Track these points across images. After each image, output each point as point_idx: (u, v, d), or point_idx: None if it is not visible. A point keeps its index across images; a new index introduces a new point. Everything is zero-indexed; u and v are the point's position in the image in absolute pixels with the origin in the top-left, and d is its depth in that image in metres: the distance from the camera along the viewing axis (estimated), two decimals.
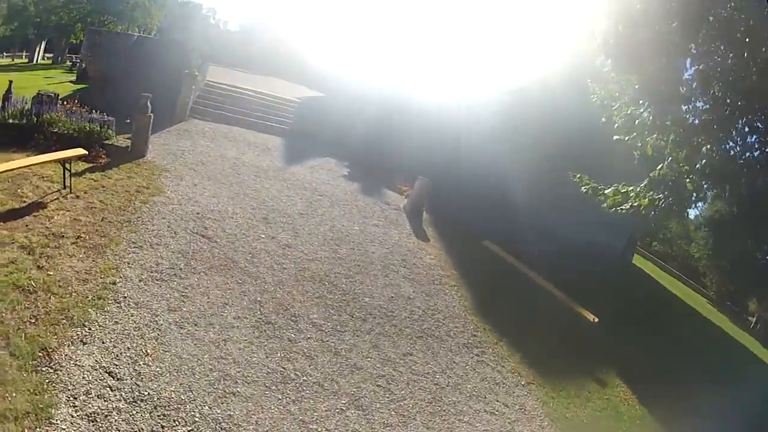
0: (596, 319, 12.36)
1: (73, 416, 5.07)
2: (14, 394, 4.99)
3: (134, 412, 5.38)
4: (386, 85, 22.85)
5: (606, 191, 9.15)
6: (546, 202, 18.52)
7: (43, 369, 5.43)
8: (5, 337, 5.62)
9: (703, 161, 7.86)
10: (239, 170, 13.38)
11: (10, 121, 12.16)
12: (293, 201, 12.52)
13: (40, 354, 5.57)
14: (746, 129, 8.02)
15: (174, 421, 5.46)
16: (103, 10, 48.12)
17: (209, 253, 8.77)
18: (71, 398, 5.23)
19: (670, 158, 8.27)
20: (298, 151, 16.94)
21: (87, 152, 10.79)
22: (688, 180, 8.09)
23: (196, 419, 5.60)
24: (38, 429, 4.79)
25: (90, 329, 6.20)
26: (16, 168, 9.05)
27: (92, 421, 5.10)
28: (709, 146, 7.85)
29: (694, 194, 8.18)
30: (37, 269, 6.90)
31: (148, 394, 5.65)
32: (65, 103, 13.64)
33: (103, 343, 6.09)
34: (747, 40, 6.97)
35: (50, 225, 8.12)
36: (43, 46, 51.52)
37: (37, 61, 49.15)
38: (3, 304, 6.10)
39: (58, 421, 4.94)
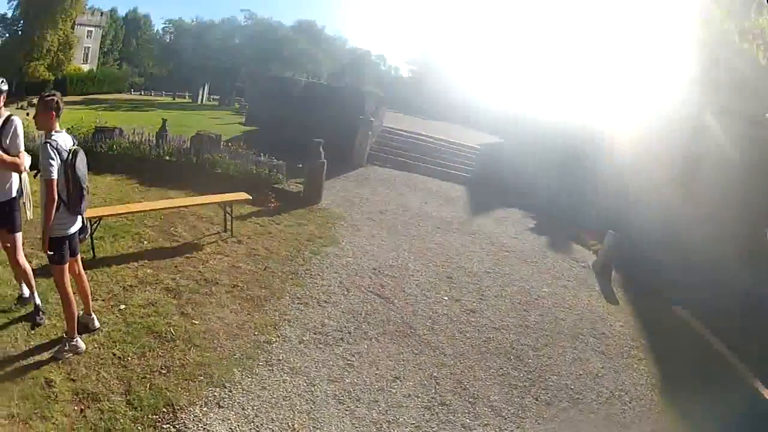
0: None
1: None
2: None
3: None
4: (571, 127, 21.43)
5: None
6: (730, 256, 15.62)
7: (164, 426, 4.67)
8: (126, 383, 5.05)
9: None
10: (421, 221, 12.75)
11: (167, 158, 12.33)
12: (479, 257, 11.45)
13: (164, 409, 4.85)
14: None
15: None
16: (267, 56, 49.70)
17: (384, 316, 7.94)
18: None
19: None
20: (482, 202, 16.02)
21: (251, 196, 10.50)
22: None
23: None
24: None
25: (231, 391, 5.43)
26: (167, 208, 8.93)
27: None
28: None
29: None
30: (180, 315, 6.44)
31: None
32: (230, 144, 13.72)
33: (243, 409, 5.28)
34: None
35: (203, 269, 7.80)
36: (207, 88, 54.67)
37: (202, 101, 52.37)
38: (132, 347, 5.57)
39: None
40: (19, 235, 5.64)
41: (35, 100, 30.27)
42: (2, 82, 5.21)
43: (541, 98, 28.72)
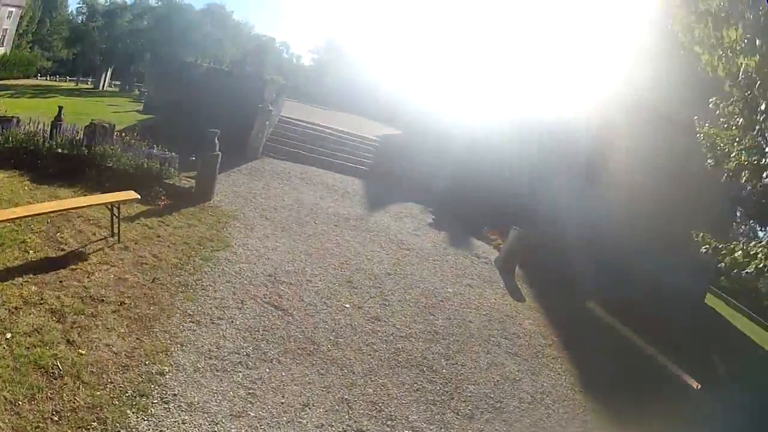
0: (699, 386, 10.66)
1: None
2: None
3: None
4: (472, 121, 21.27)
5: (735, 254, 7.56)
6: (631, 246, 16.14)
7: None
8: None
9: None
10: (317, 218, 11.93)
11: (59, 150, 11.20)
12: (379, 257, 10.82)
13: None
14: None
15: None
16: (172, 40, 47.28)
17: (284, 331, 7.07)
18: None
19: None
20: (380, 196, 15.41)
21: (141, 194, 9.47)
22: None
23: None
24: None
25: None
26: (53, 211, 7.78)
27: None
28: None
29: None
30: (66, 344, 5.49)
31: None
32: (123, 135, 12.59)
33: None
34: None
35: (89, 284, 6.73)
36: (109, 73, 51.56)
37: (103, 87, 49.00)
38: (21, 388, 4.73)
39: None
40: None
41: None
42: None
43: (441, 91, 28.64)
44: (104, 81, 50.20)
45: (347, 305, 8.31)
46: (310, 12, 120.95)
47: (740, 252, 7.58)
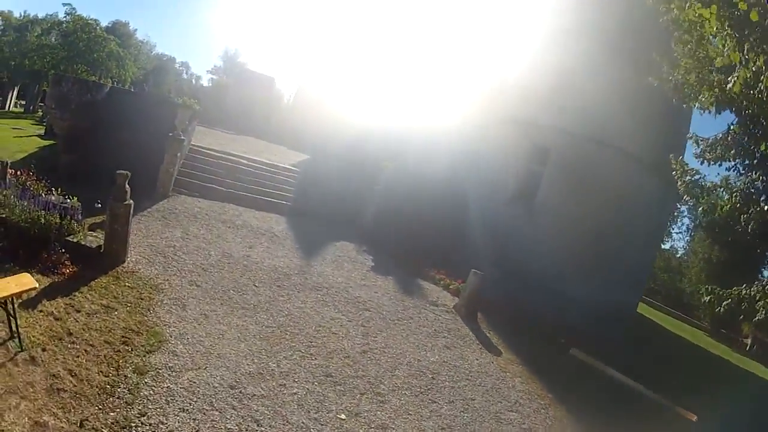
0: (695, 418, 10.31)
1: None
2: None
3: None
4: (386, 145, 19.70)
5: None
6: (571, 271, 15.39)
7: None
8: None
9: None
10: (255, 278, 9.69)
11: None
12: (344, 328, 8.85)
13: None
14: None
15: None
16: (77, 57, 43.26)
17: None
18: None
19: None
20: (310, 237, 13.44)
21: (39, 259, 7.73)
22: None
23: None
24: None
25: None
26: None
27: None
28: None
29: None
30: None
31: None
32: (19, 174, 10.05)
33: None
34: None
35: None
36: (15, 92, 46.88)
37: (9, 107, 44.71)
38: None
39: None
40: None
41: None
42: None
43: (343, 107, 26.90)
44: (10, 100, 45.89)
45: (342, 416, 6.14)
46: (210, 31, 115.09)
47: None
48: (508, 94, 17.29)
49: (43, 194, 9.28)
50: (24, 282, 5.95)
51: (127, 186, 8.66)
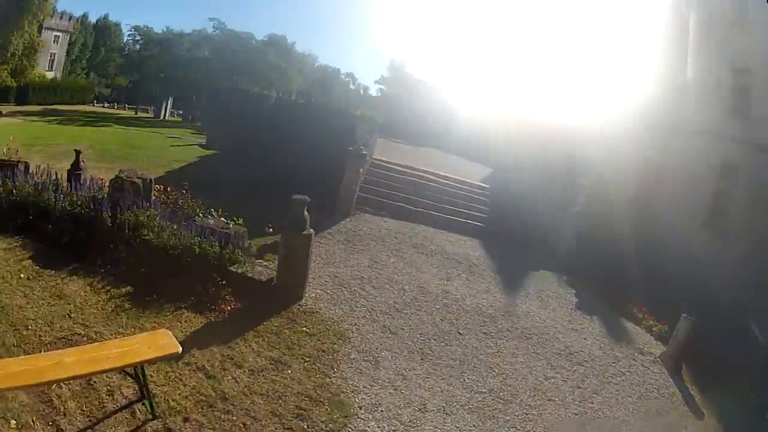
0: None
1: None
2: None
3: None
4: (571, 153, 17.73)
5: None
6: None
7: None
8: None
9: None
10: (459, 322, 8.57)
11: (76, 210, 8.17)
12: (560, 392, 7.43)
13: None
14: None
15: None
16: (234, 70, 45.19)
17: None
18: None
19: None
20: (509, 266, 12.06)
21: (192, 293, 6.78)
22: None
23: None
24: None
25: None
26: (41, 384, 4.26)
27: None
28: None
29: None
30: None
31: None
32: (168, 189, 9.57)
33: None
34: None
35: None
36: (170, 102, 50.14)
37: (164, 117, 47.83)
38: None
39: None
40: None
41: None
42: None
43: (520, 117, 25.10)
44: (165, 110, 48.92)
45: None
46: (373, 41, 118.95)
47: None
48: (685, 99, 15.18)
49: (199, 214, 8.69)
50: (162, 344, 4.74)
51: (306, 213, 7.72)
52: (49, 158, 14.90)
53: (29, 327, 5.70)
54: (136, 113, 47.87)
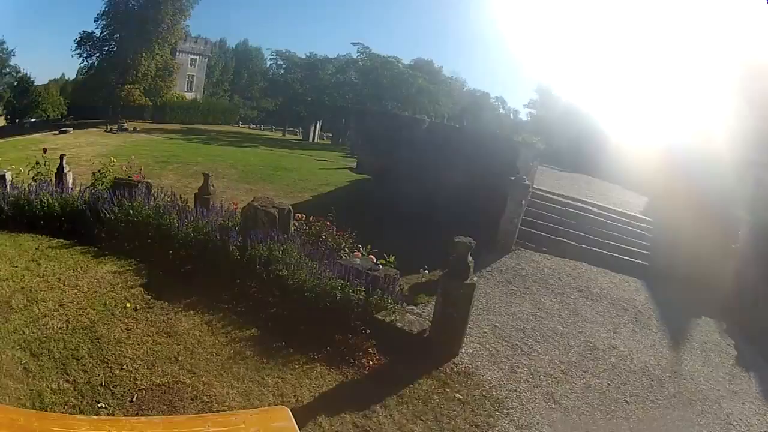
0: None
1: None
2: None
3: None
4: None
5: None
6: None
7: None
8: None
9: None
10: (626, 387, 7.95)
11: (200, 236, 7.60)
12: None
13: None
14: None
15: None
16: (381, 94, 45.37)
17: None
18: None
19: None
20: (674, 314, 11.27)
21: (327, 344, 5.83)
22: None
23: None
24: None
25: None
26: None
27: None
28: None
29: None
30: None
31: None
32: (310, 220, 8.92)
33: None
34: None
35: None
36: (319, 125, 51.26)
37: (313, 140, 48.99)
38: None
39: None
40: None
41: (126, 124, 27.78)
42: None
43: (675, 140, 23.17)
44: (314, 133, 50.43)
45: None
46: (518, 63, 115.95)
47: None
48: None
49: (345, 249, 7.96)
50: (275, 427, 3.07)
51: (469, 258, 6.92)
52: (184, 177, 15.14)
53: (124, 366, 5.26)
54: (283, 134, 49.95)
